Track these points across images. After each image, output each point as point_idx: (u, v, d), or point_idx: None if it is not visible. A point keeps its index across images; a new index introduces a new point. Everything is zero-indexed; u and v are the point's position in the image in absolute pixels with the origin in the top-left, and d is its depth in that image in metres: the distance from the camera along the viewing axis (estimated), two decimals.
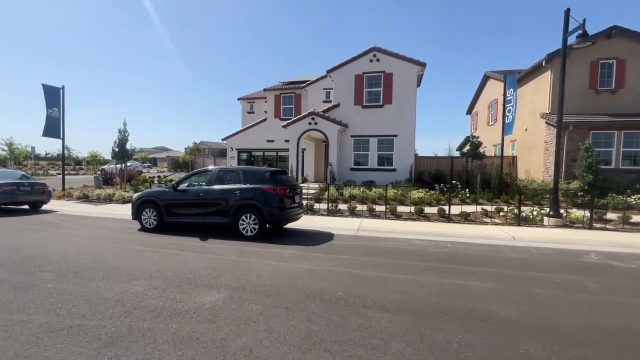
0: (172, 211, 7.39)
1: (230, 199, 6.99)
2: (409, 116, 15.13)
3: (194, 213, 7.23)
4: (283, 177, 7.46)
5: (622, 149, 12.83)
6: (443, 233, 7.99)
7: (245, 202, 6.88)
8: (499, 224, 9.06)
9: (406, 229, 8.34)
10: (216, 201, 7.11)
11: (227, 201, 7.01)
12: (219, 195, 7.12)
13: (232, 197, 6.98)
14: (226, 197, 7.03)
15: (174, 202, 7.41)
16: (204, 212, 7.17)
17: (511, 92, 12.33)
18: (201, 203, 7.18)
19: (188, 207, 7.32)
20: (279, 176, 7.30)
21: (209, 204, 7.15)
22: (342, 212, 10.50)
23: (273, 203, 6.82)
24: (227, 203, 7.00)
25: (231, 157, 21.71)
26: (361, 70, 15.59)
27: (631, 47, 13.29)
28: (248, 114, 23.32)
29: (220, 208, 7.06)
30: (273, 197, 6.82)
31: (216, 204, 7.10)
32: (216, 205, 7.11)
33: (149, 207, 7.58)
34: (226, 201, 7.01)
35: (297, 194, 7.55)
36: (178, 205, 7.36)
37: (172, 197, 7.44)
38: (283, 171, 7.64)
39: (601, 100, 13.60)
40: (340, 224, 8.97)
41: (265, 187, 6.84)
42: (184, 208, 7.35)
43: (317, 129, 15.51)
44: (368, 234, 7.88)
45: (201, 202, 7.18)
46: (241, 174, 7.24)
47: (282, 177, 7.42)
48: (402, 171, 15.20)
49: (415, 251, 6.17)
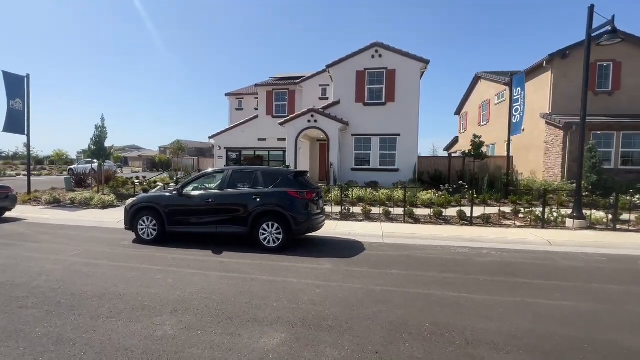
0: (176, 219, 6.29)
1: (249, 205, 6.02)
2: (412, 115, 14.67)
3: (204, 222, 6.19)
4: (307, 179, 6.60)
5: (621, 150, 13.08)
6: (473, 238, 7.47)
7: (268, 209, 5.95)
8: (522, 227, 8.71)
9: (433, 234, 7.74)
10: (231, 208, 6.11)
11: (245, 207, 6.04)
12: (235, 201, 6.13)
13: (251, 203, 6.02)
14: (244, 203, 6.06)
15: (179, 209, 6.32)
16: (216, 220, 6.15)
17: (518, 91, 12.16)
18: (213, 210, 6.15)
19: (196, 214, 6.26)
20: (303, 178, 6.44)
21: (223, 210, 6.14)
22: (356, 215, 9.77)
23: (300, 209, 5.94)
24: (245, 210, 6.03)
25: (219, 157, 20.35)
26: (362, 66, 14.94)
27: (627, 50, 13.60)
28: (237, 111, 22.03)
29: (237, 215, 6.07)
30: (300, 202, 5.94)
31: (231, 210, 6.11)
32: (231, 213, 6.11)
33: (147, 215, 6.44)
34: (244, 207, 6.04)
35: (321, 198, 6.72)
36: (184, 213, 6.28)
37: (177, 203, 6.34)
38: (305, 172, 6.76)
39: (599, 101, 13.83)
40: (360, 229, 8.24)
41: (291, 191, 5.95)
42: (192, 216, 6.28)
43: (317, 127, 14.68)
44: (396, 240, 7.19)
45: (213, 209, 6.15)
46: (260, 175, 6.29)
47: (306, 179, 6.56)
48: (405, 171, 14.72)
49: (463, 261, 5.54)
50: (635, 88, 13.67)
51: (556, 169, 13.84)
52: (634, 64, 13.64)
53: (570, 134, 13.17)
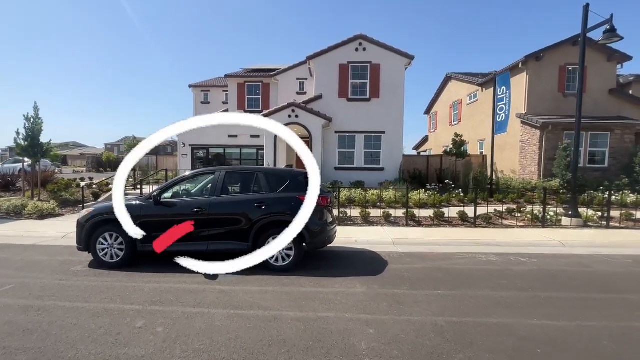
0: (152, 235, 4.86)
1: (251, 214, 4.81)
2: (397, 112, 14.20)
3: (191, 237, 4.83)
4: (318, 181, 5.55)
5: (589, 149, 13.85)
6: (486, 241, 7.00)
7: (275, 219, 4.79)
8: (524, 227, 8.52)
9: (443, 239, 7.14)
10: (228, 218, 4.85)
11: (246, 218, 4.81)
12: (232, 210, 4.87)
13: (253, 213, 4.81)
14: (244, 213, 4.83)
15: (156, 222, 4.89)
16: (207, 235, 4.84)
17: (503, 90, 12.22)
18: (202, 222, 4.82)
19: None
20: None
21: (216, 222, 4.84)
22: (354, 219, 8.90)
23: (314, 219, 4.87)
24: (246, 221, 4.81)
25: (183, 155, 18.23)
26: (346, 59, 14.12)
27: (592, 56, 14.44)
28: (202, 105, 19.99)
29: (235, 228, 4.83)
30: (315, 210, 4.87)
31: (228, 222, 4.84)
32: (228, 225, 4.84)
33: (111, 231, 4.90)
34: (245, 218, 4.81)
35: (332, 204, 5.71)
36: (163, 227, 4.86)
37: (152, 214, 4.90)
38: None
39: (567, 102, 14.55)
40: (365, 235, 7.39)
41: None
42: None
43: (299, 123, 13.57)
44: (411, 248, 6.44)
45: (202, 221, 4.82)
46: (262, 178, 5.08)
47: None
48: (391, 171, 14.23)
49: (502, 273, 4.92)
50: (598, 91, 14.60)
51: (533, 167, 14.29)
52: (598, 68, 14.55)
53: (546, 133, 13.64)
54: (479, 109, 19.16)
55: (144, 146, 6.04)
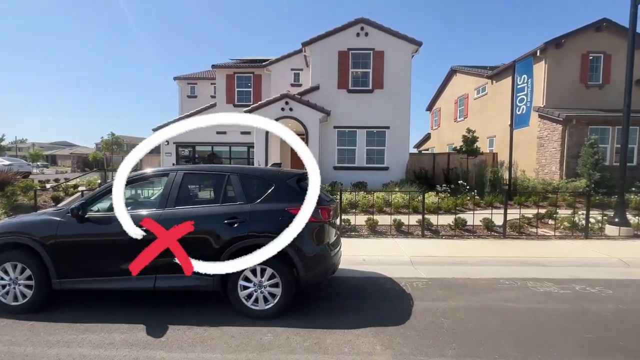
0: (74, 265, 3.33)
1: (218, 236, 3.29)
2: (403, 104, 12.75)
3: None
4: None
5: (616, 145, 12.49)
6: (529, 259, 5.55)
7: (255, 243, 3.28)
8: (562, 237, 7.09)
9: (474, 256, 5.69)
10: (184, 241, 3.32)
11: (211, 241, 3.30)
12: (192, 229, 3.35)
13: (222, 233, 3.29)
14: (208, 233, 3.31)
15: (79, 246, 3.36)
16: (154, 266, 3.31)
17: (524, 79, 10.78)
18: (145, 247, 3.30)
19: (115, 255, 3.35)
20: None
21: (167, 248, 3.32)
22: (359, 229, 7.41)
23: (312, 241, 3.37)
24: (212, 245, 3.29)
25: (167, 154, 16.65)
26: (346, 45, 12.63)
27: (617, 43, 13.10)
28: (188, 99, 18.39)
29: (194, 257, 3.31)
30: (312, 228, 3.37)
31: (184, 247, 3.32)
32: (185, 251, 3.32)
33: (15, 260, 3.37)
34: (209, 241, 3.30)
35: (336, 216, 4.19)
36: (90, 253, 3.34)
37: (75, 234, 3.37)
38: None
39: (590, 95, 13.21)
40: (374, 250, 5.92)
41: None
42: (105, 258, 3.36)
43: (293, 117, 12.06)
44: (436, 270, 4.97)
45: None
46: (237, 182, 3.55)
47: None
48: (396, 170, 12.77)
49: (581, 317, 3.45)
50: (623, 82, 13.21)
51: (553, 166, 12.92)
52: (624, 56, 13.15)
53: (569, 128, 12.26)
54: (488, 104, 17.79)
55: (144, 146, 4.63)
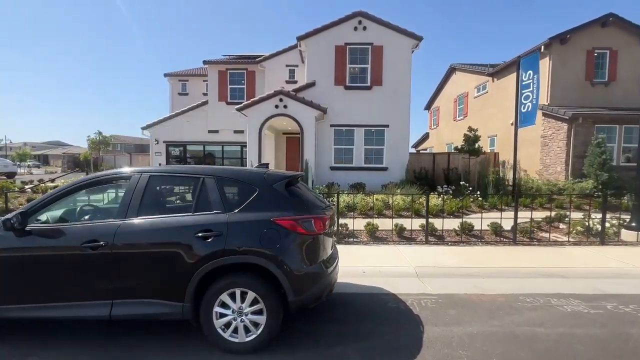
0: (9, 289, 2.72)
1: (188, 252, 2.69)
2: (402, 102, 12.21)
3: (83, 293, 2.71)
4: (305, 189, 3.45)
5: (623, 145, 12.06)
6: (547, 270, 5.02)
7: (233, 262, 2.68)
8: (576, 243, 6.58)
9: (486, 265, 5.14)
10: (148, 259, 2.72)
11: (180, 258, 2.69)
12: (155, 244, 2.74)
13: (194, 249, 2.69)
14: (177, 249, 2.71)
15: (15, 265, 2.75)
16: (111, 288, 2.70)
17: (530, 75, 10.30)
18: (102, 265, 2.70)
19: (60, 277, 2.74)
20: (298, 188, 3.26)
21: (127, 266, 2.71)
22: (357, 235, 6.85)
23: (302, 258, 2.78)
24: (180, 264, 2.68)
25: (157, 153, 15.97)
26: (343, 39, 12.05)
27: (624, 39, 12.69)
28: (179, 96, 17.71)
29: (161, 277, 2.71)
30: (303, 243, 2.79)
31: (148, 266, 2.71)
32: (148, 271, 2.72)
33: None
34: (178, 258, 2.69)
35: (333, 225, 3.60)
36: (29, 274, 2.72)
37: (9, 248, 2.75)
38: (298, 176, 3.54)
39: (595, 92, 12.76)
40: (374, 259, 5.37)
41: (284, 219, 2.75)
42: (49, 281, 2.74)
43: (288, 115, 11.46)
44: (446, 284, 4.41)
45: (102, 263, 2.69)
46: (212, 186, 2.94)
47: (304, 189, 3.40)
48: (395, 170, 12.23)
49: (625, 347, 2.91)
50: (629, 79, 12.82)
51: (558, 167, 12.45)
52: (629, 53, 12.77)
53: (574, 127, 11.78)
54: (488, 102, 17.32)
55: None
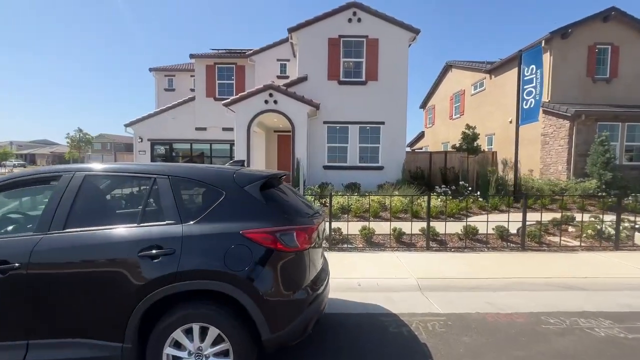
0: None
1: (129, 277, 2.03)
2: (399, 98, 11.64)
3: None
4: (289, 191, 2.80)
5: (625, 143, 11.68)
6: (565, 281, 4.47)
7: (188, 288, 2.04)
8: (588, 249, 6.07)
9: (496, 276, 4.57)
10: (75, 286, 2.05)
11: (116, 286, 2.03)
12: (85, 266, 2.08)
13: (137, 272, 2.04)
14: (115, 272, 2.05)
15: None
16: (25, 324, 2.04)
17: (532, 69, 9.80)
18: (11, 296, 2.03)
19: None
20: (280, 191, 2.62)
21: (48, 295, 2.05)
22: (352, 240, 6.24)
23: (281, 283, 2.14)
24: (118, 292, 2.03)
25: (140, 152, 15.16)
26: (337, 32, 11.43)
27: (626, 34, 12.31)
28: (166, 92, 16.90)
29: (94, 311, 2.05)
30: (283, 262, 2.15)
31: (74, 295, 2.05)
32: (73, 302, 2.06)
33: None
34: (117, 285, 2.03)
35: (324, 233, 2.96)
36: None
37: None
38: (279, 175, 2.88)
39: (597, 89, 12.36)
40: (371, 269, 4.77)
41: (258, 233, 2.11)
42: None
43: (278, 111, 10.80)
44: (454, 300, 3.82)
45: (12, 293, 2.02)
46: (167, 188, 2.29)
47: (287, 191, 2.75)
48: (391, 170, 11.66)
49: None
50: (632, 76, 12.45)
51: (559, 166, 12.01)
52: (631, 49, 12.40)
53: (577, 124, 11.35)
54: (486, 99, 16.88)
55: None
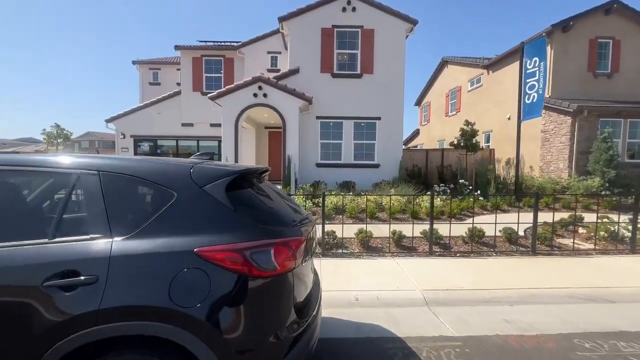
0: None
1: (32, 315, 1.40)
2: (396, 92, 11.08)
3: None
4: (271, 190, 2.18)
5: (628, 140, 11.34)
6: (583, 291, 3.96)
7: (116, 334, 1.41)
8: (603, 252, 5.61)
9: (509, 287, 4.03)
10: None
11: (12, 329, 1.40)
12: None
13: (45, 307, 1.40)
14: (9, 308, 1.41)
15: None
16: None
17: (535, 62, 9.34)
18: None
19: None
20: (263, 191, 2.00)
21: None
22: (347, 245, 5.66)
23: (251, 325, 1.52)
24: (15, 339, 1.39)
25: (123, 149, 14.34)
26: (330, 22, 10.81)
27: (627, 28, 11.97)
28: (151, 86, 16.06)
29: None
30: (256, 292, 1.53)
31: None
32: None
33: None
34: (11, 328, 1.40)
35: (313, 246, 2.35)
36: None
37: None
38: (258, 170, 2.26)
39: (598, 84, 12.01)
40: (369, 279, 4.19)
41: (219, 251, 1.49)
42: None
43: (268, 105, 10.15)
44: (464, 316, 3.26)
45: None
46: (96, 189, 1.65)
47: (270, 190, 2.13)
48: (388, 168, 11.11)
49: None
50: (633, 71, 12.13)
51: (560, 163, 11.62)
52: (633, 43, 12.06)
53: (579, 121, 10.95)
54: (483, 96, 16.47)
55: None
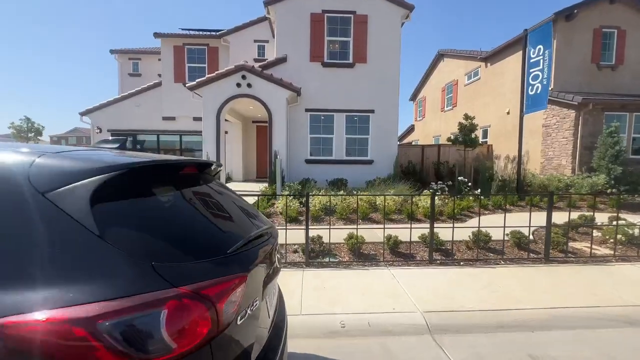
0: None
1: None
2: (391, 83, 10.35)
3: None
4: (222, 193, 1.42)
5: (633, 135, 10.81)
6: (615, 311, 3.32)
7: None
8: (624, 258, 4.99)
9: (526, 305, 3.36)
10: None
11: None
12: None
13: None
14: None
15: None
16: None
17: (540, 50, 8.70)
18: None
19: None
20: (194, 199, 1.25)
21: None
22: (336, 252, 4.94)
23: None
24: None
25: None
26: (320, 6, 10.00)
27: (633, 17, 11.41)
28: (130, 77, 15.06)
29: None
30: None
31: None
32: None
33: None
34: None
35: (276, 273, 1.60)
36: None
37: None
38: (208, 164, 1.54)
39: (602, 76, 11.45)
40: (359, 298, 3.47)
41: (47, 323, 0.75)
42: None
43: (253, 96, 9.34)
44: (478, 350, 2.56)
45: None
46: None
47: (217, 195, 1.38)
48: (383, 164, 10.41)
49: None
50: (638, 62, 11.58)
51: (563, 159, 11.05)
52: (638, 33, 11.51)
53: (583, 114, 10.37)
54: (481, 89, 15.84)
55: None
